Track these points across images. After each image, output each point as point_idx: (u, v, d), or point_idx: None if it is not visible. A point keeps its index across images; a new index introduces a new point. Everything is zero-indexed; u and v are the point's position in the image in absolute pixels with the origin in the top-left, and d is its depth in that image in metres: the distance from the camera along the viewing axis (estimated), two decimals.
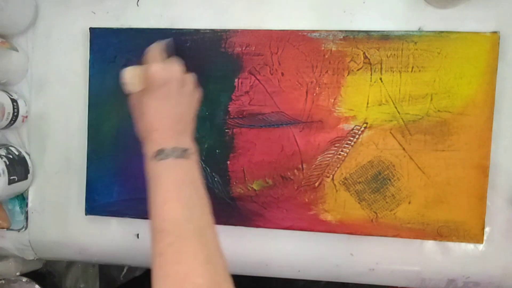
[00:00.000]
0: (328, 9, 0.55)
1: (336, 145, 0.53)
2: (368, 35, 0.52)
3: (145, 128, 0.42)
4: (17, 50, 0.57)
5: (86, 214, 0.58)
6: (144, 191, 0.56)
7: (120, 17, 0.58)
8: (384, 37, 0.52)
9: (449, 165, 0.51)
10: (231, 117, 0.55)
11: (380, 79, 0.52)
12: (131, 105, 0.46)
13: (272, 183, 0.54)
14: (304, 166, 0.54)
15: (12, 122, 0.57)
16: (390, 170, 0.53)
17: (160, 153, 0.39)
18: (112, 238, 0.60)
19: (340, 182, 0.53)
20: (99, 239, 0.60)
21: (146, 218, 0.57)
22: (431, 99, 0.51)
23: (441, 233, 0.52)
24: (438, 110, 0.51)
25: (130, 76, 0.43)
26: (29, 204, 0.61)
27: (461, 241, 0.52)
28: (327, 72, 0.53)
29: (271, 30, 0.54)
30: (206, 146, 0.55)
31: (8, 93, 0.58)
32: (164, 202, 0.37)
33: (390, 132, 0.52)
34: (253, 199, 0.55)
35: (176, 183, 0.38)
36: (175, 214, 0.36)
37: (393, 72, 0.52)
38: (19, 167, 0.57)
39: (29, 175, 0.59)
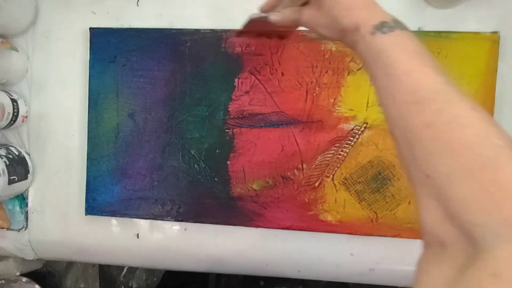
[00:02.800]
0: None
1: (336, 145, 0.53)
2: None
3: (346, 8, 0.36)
4: (17, 50, 0.57)
5: (86, 214, 0.58)
6: (144, 191, 0.57)
7: (120, 17, 0.58)
8: None
9: None
10: (231, 117, 0.55)
11: None
12: (311, 17, 0.40)
13: (272, 183, 0.54)
14: (304, 166, 0.54)
15: (12, 122, 0.57)
16: (390, 170, 0.53)
17: (383, 26, 0.34)
18: (112, 238, 0.60)
19: (340, 182, 0.53)
20: (99, 239, 0.60)
21: (146, 218, 0.57)
22: None
23: None
24: None
25: None
26: (29, 204, 0.61)
27: None
28: (327, 72, 0.53)
29: (271, 30, 0.54)
30: (206, 146, 0.55)
31: (8, 93, 0.58)
32: (409, 72, 0.31)
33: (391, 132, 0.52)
34: (253, 199, 0.55)
35: (413, 52, 0.32)
36: (430, 81, 0.31)
37: None
38: (19, 167, 0.57)
39: (29, 175, 0.59)
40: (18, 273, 0.84)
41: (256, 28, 0.47)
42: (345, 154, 0.53)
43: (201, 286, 0.95)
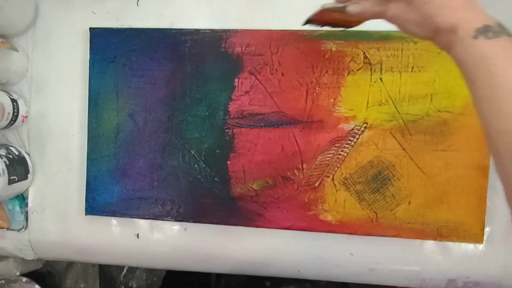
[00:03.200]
0: None
1: (336, 145, 0.53)
2: (368, 35, 0.52)
3: (442, 5, 0.33)
4: (17, 50, 0.57)
5: (86, 214, 0.58)
6: (144, 191, 0.57)
7: (120, 17, 0.58)
8: (384, 37, 0.52)
9: (449, 165, 0.51)
10: (231, 117, 0.55)
11: (380, 79, 0.52)
12: (399, 12, 0.37)
13: (272, 183, 0.54)
14: (304, 166, 0.54)
15: (12, 122, 0.57)
16: (390, 170, 0.53)
17: (487, 30, 0.31)
18: (112, 238, 0.60)
19: (340, 182, 0.53)
20: (99, 239, 0.60)
21: (146, 218, 0.57)
22: (431, 99, 0.51)
23: (441, 233, 0.52)
24: (438, 110, 0.51)
25: None
26: (29, 204, 0.61)
27: (461, 241, 0.52)
28: (327, 72, 0.53)
29: (271, 30, 0.54)
30: (206, 146, 0.55)
31: (8, 93, 0.58)
32: None
33: (390, 132, 0.52)
34: (253, 199, 0.55)
35: None
36: None
37: (393, 72, 0.52)
38: (19, 167, 0.57)
39: (29, 175, 0.59)
40: (18, 273, 0.84)
41: (326, 18, 0.44)
42: (345, 154, 0.53)
43: (203, 286, 0.95)
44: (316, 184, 0.54)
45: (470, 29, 0.32)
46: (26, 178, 0.59)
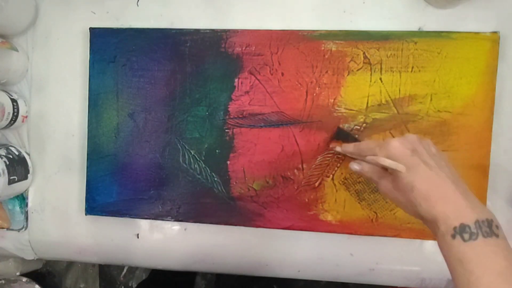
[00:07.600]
0: (328, 9, 0.55)
1: None
2: (368, 35, 0.52)
3: (423, 197, 0.35)
4: (17, 50, 0.57)
5: (86, 214, 0.58)
6: (144, 191, 0.57)
7: (120, 17, 0.58)
8: (384, 37, 0.52)
9: None
10: (231, 117, 0.55)
11: (380, 79, 0.52)
12: (387, 190, 0.39)
13: (272, 183, 0.54)
14: (304, 166, 0.54)
15: (12, 122, 0.57)
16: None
17: (464, 230, 0.32)
18: (112, 238, 0.60)
19: (340, 182, 0.53)
20: (99, 239, 0.60)
21: (146, 218, 0.57)
22: (431, 99, 0.52)
23: None
24: (438, 110, 0.51)
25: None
26: (29, 204, 0.61)
27: None
28: (327, 72, 0.53)
29: (271, 30, 0.54)
30: (206, 146, 0.55)
31: (8, 93, 0.58)
32: None
33: (390, 132, 0.52)
34: (253, 199, 0.55)
35: (499, 273, 0.31)
36: None
37: (393, 72, 0.52)
38: (19, 167, 0.57)
39: (29, 175, 0.59)
40: (18, 273, 0.84)
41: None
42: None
43: (188, 286, 0.94)
44: (316, 184, 0.54)
45: (448, 226, 0.33)
46: (26, 178, 0.59)
